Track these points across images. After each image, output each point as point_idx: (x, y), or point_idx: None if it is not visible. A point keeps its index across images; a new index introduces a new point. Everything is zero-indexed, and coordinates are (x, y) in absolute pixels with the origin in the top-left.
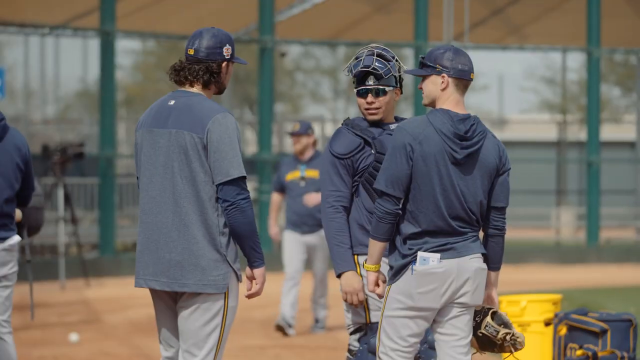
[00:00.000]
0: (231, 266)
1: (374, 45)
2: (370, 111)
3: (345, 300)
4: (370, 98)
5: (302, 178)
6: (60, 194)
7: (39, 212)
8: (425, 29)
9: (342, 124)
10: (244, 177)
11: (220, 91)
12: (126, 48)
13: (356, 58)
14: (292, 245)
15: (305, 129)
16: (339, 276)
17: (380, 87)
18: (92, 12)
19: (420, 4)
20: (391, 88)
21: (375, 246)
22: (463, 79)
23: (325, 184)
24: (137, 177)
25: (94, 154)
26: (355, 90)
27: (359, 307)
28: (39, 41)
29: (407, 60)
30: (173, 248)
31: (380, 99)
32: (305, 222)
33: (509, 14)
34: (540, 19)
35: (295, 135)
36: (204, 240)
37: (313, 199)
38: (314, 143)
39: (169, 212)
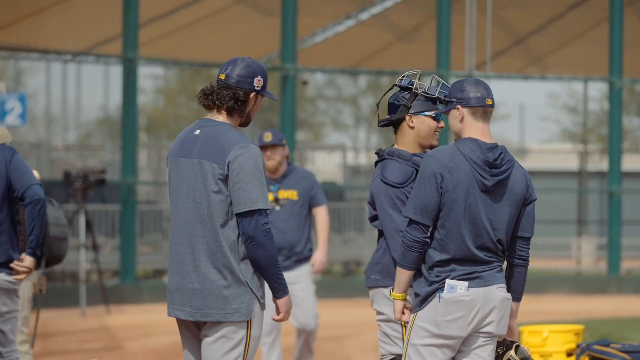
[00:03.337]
0: (255, 294)
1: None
2: (437, 136)
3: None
4: (442, 123)
5: (276, 201)
6: (82, 220)
7: (62, 242)
8: (448, 58)
9: (386, 157)
10: (265, 209)
11: (246, 123)
12: (148, 73)
13: (405, 89)
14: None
15: (279, 139)
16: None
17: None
18: (115, 39)
19: (442, 34)
20: None
21: (403, 275)
22: (479, 107)
23: (390, 220)
24: None
25: (115, 181)
26: (428, 114)
27: None
28: (61, 68)
29: None
30: (196, 278)
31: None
32: (283, 255)
33: (531, 43)
34: (563, 49)
35: (269, 147)
36: (224, 269)
37: (321, 261)
38: (287, 156)
39: (192, 242)
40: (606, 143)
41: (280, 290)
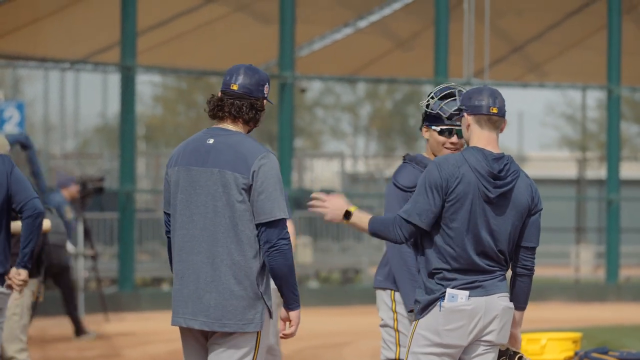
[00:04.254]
0: (266, 304)
1: (454, 84)
2: (451, 150)
3: None
4: (455, 138)
5: None
6: (80, 228)
7: (61, 250)
8: (446, 66)
9: (404, 160)
10: (286, 219)
11: (251, 129)
12: (146, 81)
13: (445, 96)
14: None
15: None
16: (410, 311)
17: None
18: (113, 47)
19: (440, 41)
20: None
21: (362, 227)
22: (482, 115)
23: None
24: (165, 212)
25: (113, 189)
26: (435, 128)
27: None
28: (59, 75)
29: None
30: (214, 287)
31: (461, 140)
32: None
33: (529, 51)
34: (561, 56)
35: None
36: (244, 279)
37: None
38: None
39: (209, 252)
40: (604, 150)
41: (294, 301)
